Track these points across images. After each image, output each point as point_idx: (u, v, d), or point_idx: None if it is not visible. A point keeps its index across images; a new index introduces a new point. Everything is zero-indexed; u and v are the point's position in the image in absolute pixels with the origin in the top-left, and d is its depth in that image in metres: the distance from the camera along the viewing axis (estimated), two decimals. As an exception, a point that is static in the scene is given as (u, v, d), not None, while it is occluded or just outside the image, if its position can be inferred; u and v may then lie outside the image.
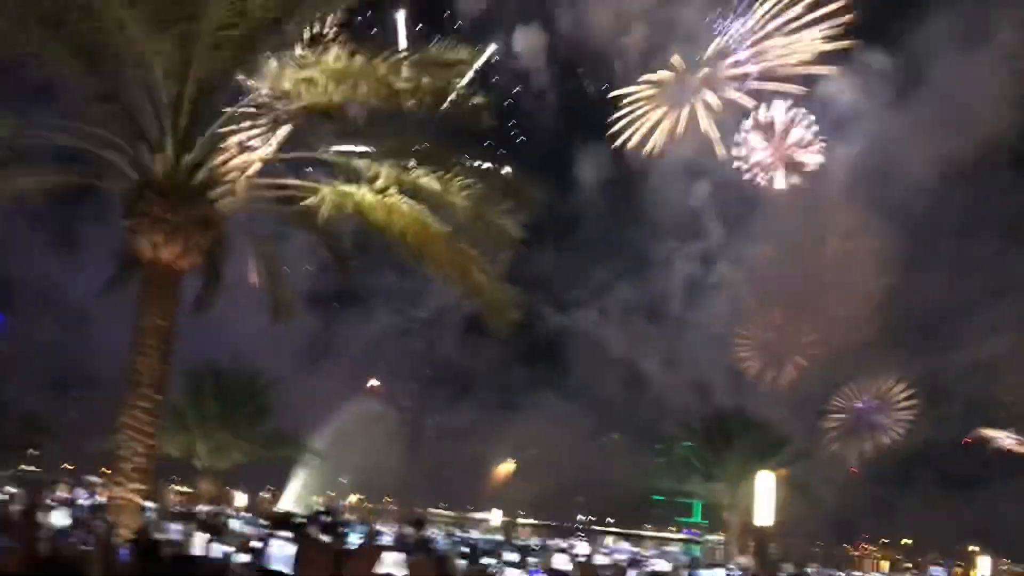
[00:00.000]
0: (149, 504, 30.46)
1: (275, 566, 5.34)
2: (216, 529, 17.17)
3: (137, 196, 15.50)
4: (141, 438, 15.11)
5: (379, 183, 15.37)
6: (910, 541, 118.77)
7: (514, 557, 15.14)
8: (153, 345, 15.34)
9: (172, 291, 15.77)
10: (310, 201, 15.85)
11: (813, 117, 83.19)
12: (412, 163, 16.04)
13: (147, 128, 15.58)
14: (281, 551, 5.28)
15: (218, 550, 10.57)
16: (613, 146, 76.87)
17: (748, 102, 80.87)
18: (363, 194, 15.41)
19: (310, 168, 17.03)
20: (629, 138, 77.44)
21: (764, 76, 79.32)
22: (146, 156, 15.61)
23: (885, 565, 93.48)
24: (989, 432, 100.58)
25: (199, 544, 12.03)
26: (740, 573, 23.82)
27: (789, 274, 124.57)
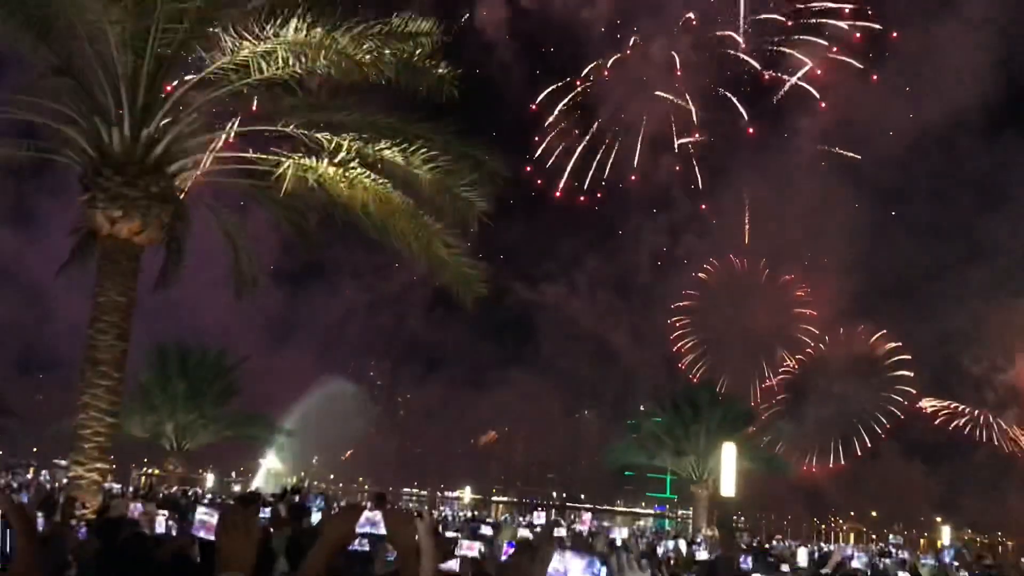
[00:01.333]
0: (116, 486, 30.28)
1: (199, 533, 5.29)
2: (180, 509, 17.01)
3: (94, 171, 15.23)
4: (101, 416, 14.94)
5: (341, 156, 15.19)
6: (876, 514, 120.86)
7: (487, 531, 15.11)
8: (112, 322, 15.13)
9: (131, 267, 15.52)
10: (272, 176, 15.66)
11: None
12: (375, 136, 15.87)
13: (104, 102, 15.29)
14: (205, 518, 5.23)
15: (178, 529, 10.41)
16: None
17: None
18: (325, 168, 15.23)
19: (272, 142, 16.77)
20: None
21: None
22: (103, 130, 15.32)
23: (851, 537, 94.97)
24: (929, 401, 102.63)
25: (161, 523, 11.83)
26: (702, 541, 24.03)
27: (762, 243, 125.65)
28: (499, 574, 3.22)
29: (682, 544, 19.02)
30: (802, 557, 17.66)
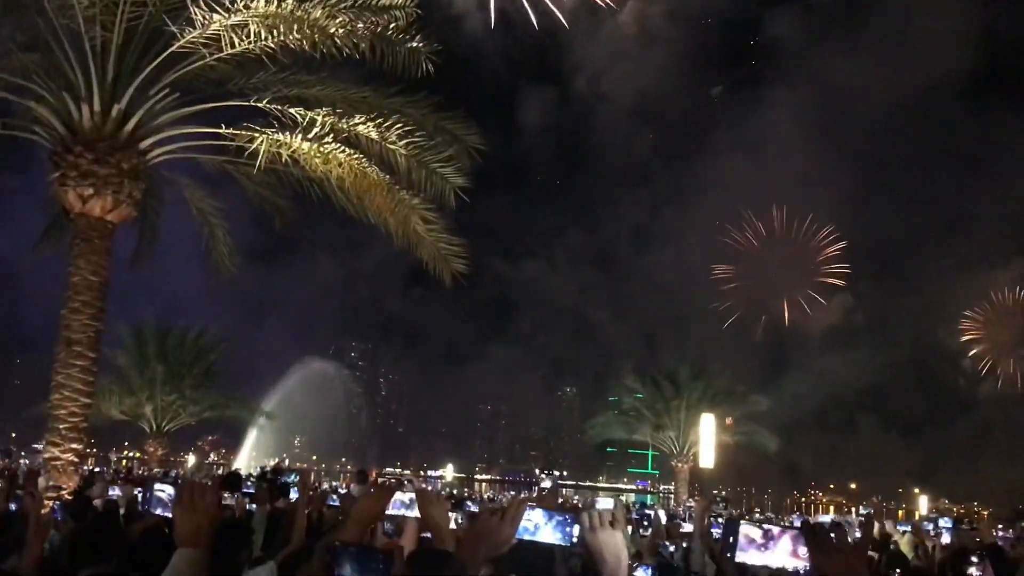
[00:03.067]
0: (97, 469, 30.15)
1: (156, 510, 5.28)
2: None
3: (64, 148, 15.01)
4: (76, 397, 14.81)
5: (315, 132, 15.03)
6: (855, 486, 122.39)
7: (473, 508, 15.20)
8: (86, 301, 14.97)
9: (104, 246, 15.34)
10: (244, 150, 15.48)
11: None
12: (349, 111, 15.72)
13: (73, 78, 15.05)
14: (162, 495, 5.23)
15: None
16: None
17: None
18: (299, 143, 15.07)
19: (245, 117, 16.56)
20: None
21: None
22: (72, 107, 15.10)
23: (831, 509, 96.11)
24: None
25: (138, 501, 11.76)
26: (686, 513, 24.24)
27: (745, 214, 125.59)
28: (468, 532, 3.21)
29: (662, 514, 19.13)
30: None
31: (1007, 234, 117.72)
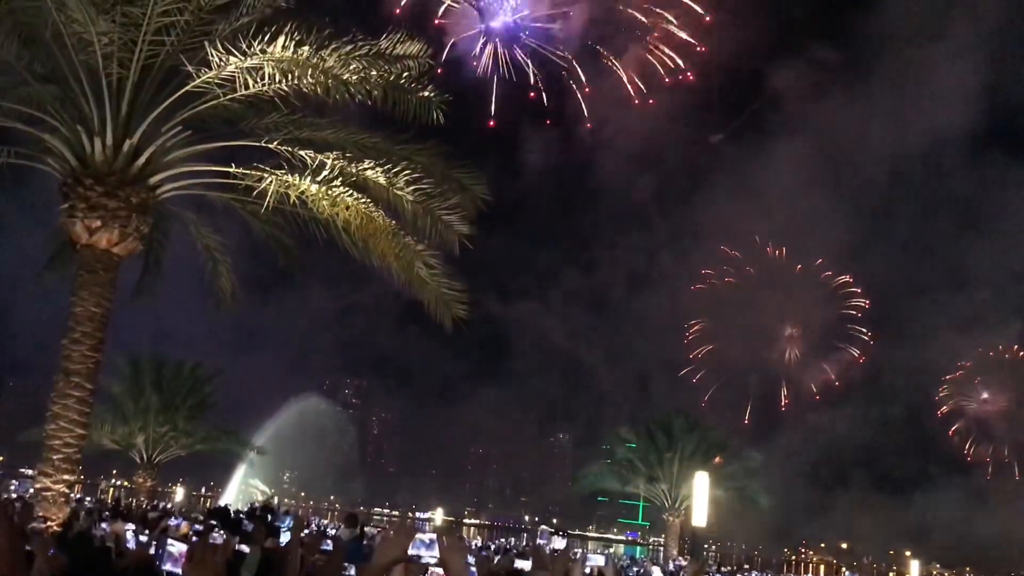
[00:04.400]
0: (88, 499, 29.89)
1: (167, 566, 5.32)
2: (148, 523, 16.82)
3: (74, 180, 15.17)
4: (71, 427, 14.80)
5: (324, 175, 15.20)
6: (846, 545, 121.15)
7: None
8: (87, 332, 15.02)
9: (108, 278, 15.43)
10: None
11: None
12: (359, 155, 15.92)
13: (87, 112, 15.25)
14: (174, 550, 5.28)
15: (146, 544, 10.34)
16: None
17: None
18: (307, 185, 15.23)
19: (255, 157, 16.75)
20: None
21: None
22: (85, 140, 15.28)
23: (821, 569, 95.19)
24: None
25: (129, 538, 11.75)
26: (673, 570, 24.01)
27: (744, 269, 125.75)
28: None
29: (657, 572, 19.01)
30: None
31: (1006, 294, 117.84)
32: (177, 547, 5.14)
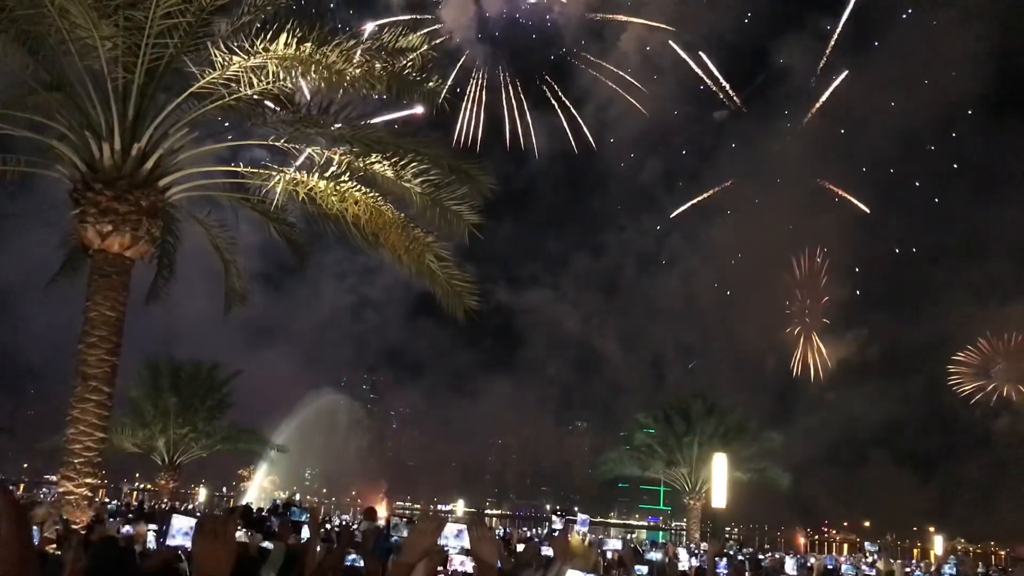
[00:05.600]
0: (112, 503, 30.11)
1: (175, 541, 5.33)
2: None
3: (84, 186, 15.25)
4: (91, 431, 14.92)
5: (332, 170, 15.23)
6: (868, 524, 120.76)
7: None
8: (102, 336, 15.13)
9: (121, 281, 15.53)
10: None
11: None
12: (365, 150, 15.94)
13: (94, 117, 15.32)
14: (182, 525, 5.29)
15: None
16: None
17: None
18: (315, 182, 15.26)
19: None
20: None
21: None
22: (93, 145, 15.35)
23: (844, 548, 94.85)
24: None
25: (151, 540, 11.84)
26: (695, 552, 24.02)
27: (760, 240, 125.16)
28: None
29: (684, 553, 18.99)
30: (790, 567, 17.81)
31: (1022, 264, 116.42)
32: (184, 520, 5.13)
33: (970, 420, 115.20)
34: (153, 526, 11.61)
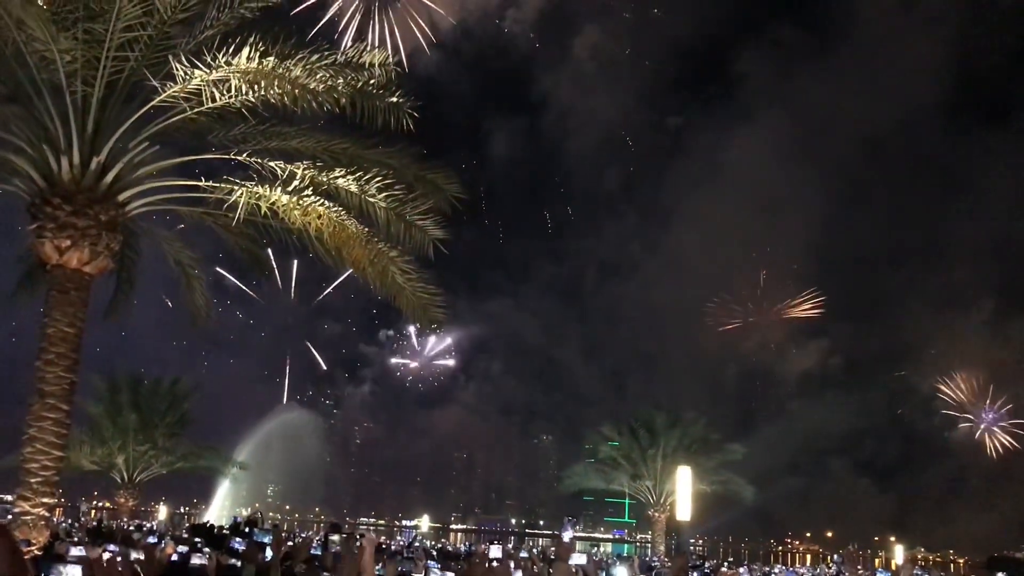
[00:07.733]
0: (66, 521, 29.52)
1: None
2: (130, 542, 16.67)
3: (42, 200, 15.02)
4: (48, 450, 14.65)
5: (294, 185, 15.15)
6: (831, 534, 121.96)
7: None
8: (61, 353, 14.88)
9: (80, 297, 15.28)
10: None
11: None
12: (329, 164, 15.88)
13: (53, 130, 15.10)
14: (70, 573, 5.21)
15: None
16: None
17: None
18: (278, 196, 15.17)
19: (225, 169, 16.67)
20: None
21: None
22: (52, 159, 15.12)
23: (807, 559, 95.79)
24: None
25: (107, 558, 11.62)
26: (658, 564, 24.12)
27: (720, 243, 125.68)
28: None
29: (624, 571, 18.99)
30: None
31: (981, 271, 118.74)
32: (72, 571, 5.00)
33: (929, 430, 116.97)
34: (113, 547, 11.39)
